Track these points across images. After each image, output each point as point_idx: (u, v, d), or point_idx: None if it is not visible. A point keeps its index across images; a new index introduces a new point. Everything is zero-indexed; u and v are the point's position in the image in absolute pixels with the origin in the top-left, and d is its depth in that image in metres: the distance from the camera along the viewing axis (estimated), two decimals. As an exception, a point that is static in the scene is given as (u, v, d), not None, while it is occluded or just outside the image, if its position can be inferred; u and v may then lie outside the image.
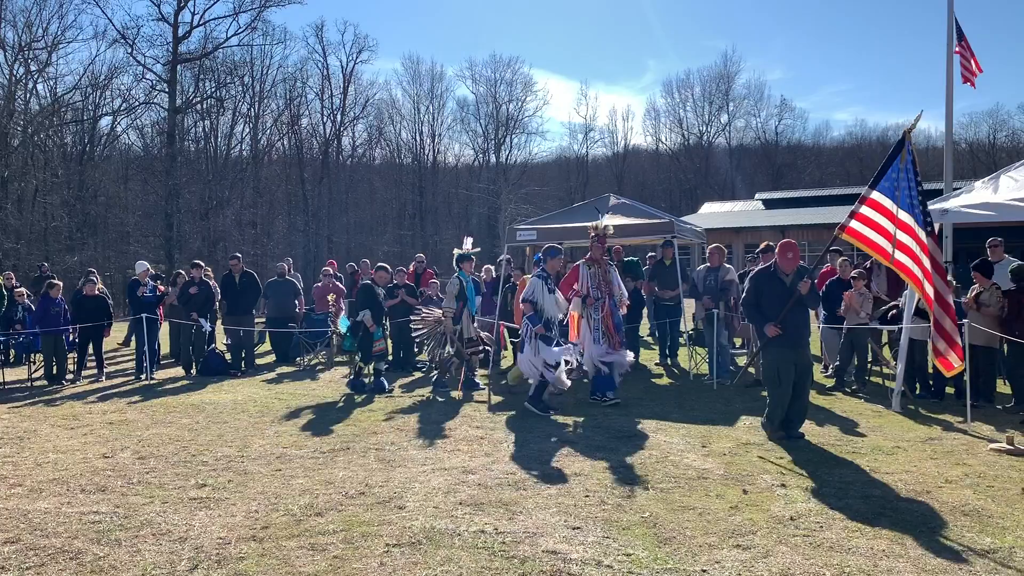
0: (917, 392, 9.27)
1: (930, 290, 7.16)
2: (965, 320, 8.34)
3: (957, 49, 14.08)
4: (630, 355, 9.41)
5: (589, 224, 9.60)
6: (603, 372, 9.06)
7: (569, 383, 8.77)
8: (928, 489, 5.57)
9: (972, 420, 7.69)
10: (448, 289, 10.31)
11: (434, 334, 10.38)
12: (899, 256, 7.24)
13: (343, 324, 11.59)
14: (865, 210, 7.33)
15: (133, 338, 13.92)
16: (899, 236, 7.22)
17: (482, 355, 10.58)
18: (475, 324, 10.49)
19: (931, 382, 9.32)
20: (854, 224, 7.35)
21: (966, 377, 8.38)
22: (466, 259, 10.39)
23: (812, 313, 8.90)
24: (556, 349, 8.61)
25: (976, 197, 8.74)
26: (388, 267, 11.77)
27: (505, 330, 12.23)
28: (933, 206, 9.32)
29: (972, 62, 14.23)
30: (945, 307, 7.20)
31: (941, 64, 14.66)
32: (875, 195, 7.30)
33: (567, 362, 8.65)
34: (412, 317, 10.75)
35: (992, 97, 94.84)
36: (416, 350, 13.67)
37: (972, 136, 62.01)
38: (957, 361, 7.22)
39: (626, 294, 9.56)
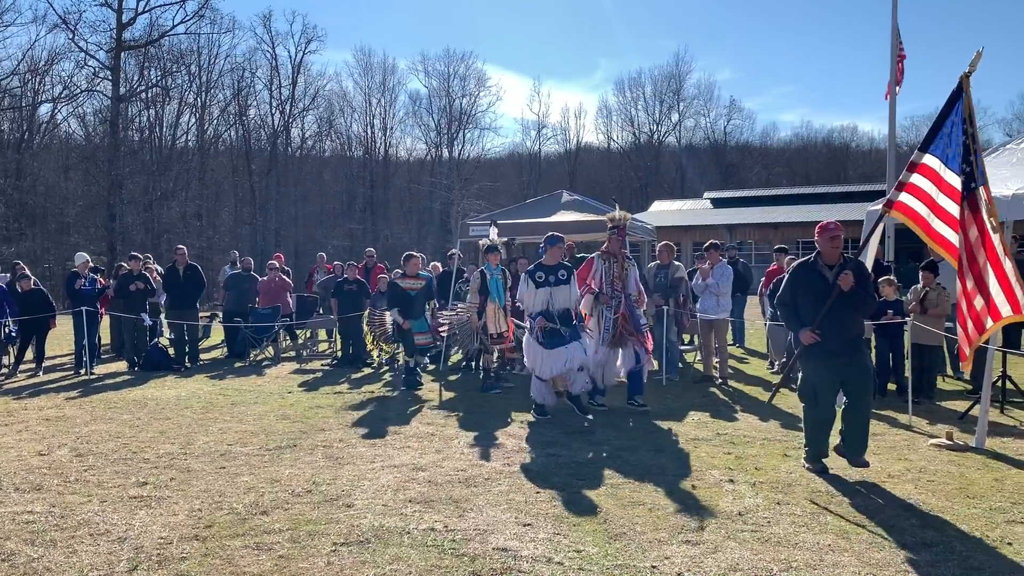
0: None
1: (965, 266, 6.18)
2: (908, 318, 8.56)
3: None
4: (653, 363, 8.84)
5: (606, 215, 9.01)
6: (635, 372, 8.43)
7: (553, 400, 8.20)
8: (872, 484, 5.67)
9: (913, 416, 7.87)
10: (471, 283, 9.94)
11: (462, 330, 9.92)
12: (938, 226, 6.21)
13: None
14: (916, 179, 6.26)
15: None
16: (941, 201, 6.17)
17: (508, 351, 10.01)
18: (509, 318, 9.79)
19: (875, 379, 9.50)
20: (904, 198, 6.31)
21: (908, 374, 8.60)
22: (493, 250, 9.77)
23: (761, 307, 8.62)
24: (551, 358, 7.98)
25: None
26: (416, 253, 10.85)
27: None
28: (875, 206, 9.49)
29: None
30: (982, 287, 6.10)
31: (885, 69, 15.02)
32: (926, 159, 6.19)
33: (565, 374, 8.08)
34: (443, 313, 10.30)
35: (932, 102, 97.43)
36: (371, 346, 13.54)
37: (914, 139, 63.45)
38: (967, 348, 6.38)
39: (644, 292, 8.87)
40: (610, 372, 8.56)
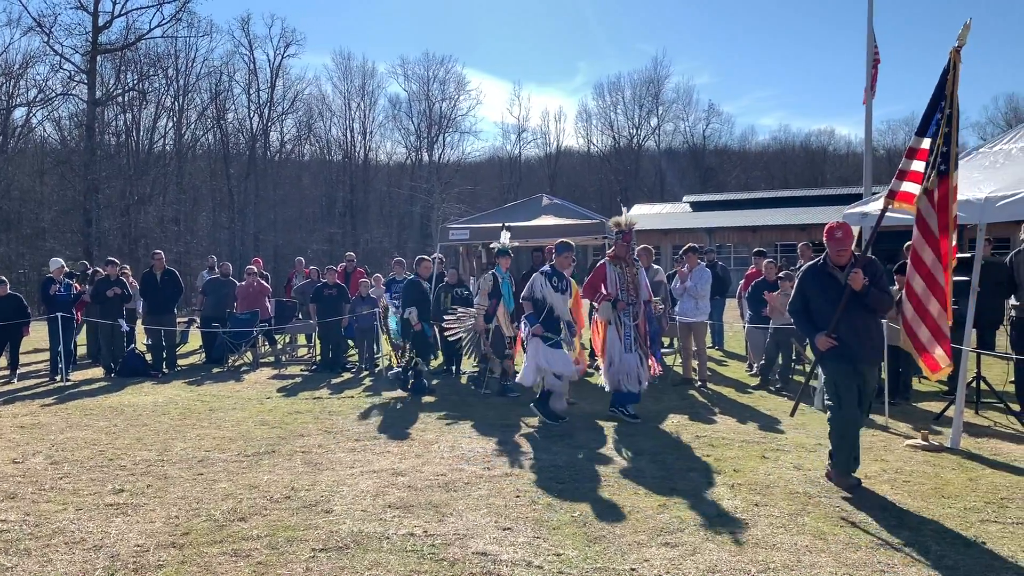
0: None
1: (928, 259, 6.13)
2: (884, 321, 8.62)
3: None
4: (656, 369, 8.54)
5: (611, 220, 8.75)
6: (625, 386, 8.10)
7: (566, 401, 8.22)
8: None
9: (890, 417, 7.94)
10: (481, 285, 9.89)
11: (469, 333, 9.88)
12: (922, 205, 6.05)
13: (392, 321, 11.20)
14: (916, 165, 6.01)
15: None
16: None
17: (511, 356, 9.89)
18: (515, 323, 9.60)
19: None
20: (906, 187, 6.09)
21: (884, 375, 8.66)
22: (504, 254, 9.84)
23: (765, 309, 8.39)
24: (562, 355, 8.00)
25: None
26: (428, 257, 10.93)
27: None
28: (852, 209, 9.56)
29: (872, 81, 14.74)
30: (935, 289, 6.10)
31: (862, 74, 15.18)
32: (924, 143, 5.97)
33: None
34: (447, 316, 10.17)
35: (909, 106, 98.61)
36: (349, 350, 13.52)
37: (890, 142, 64.51)
38: (945, 360, 6.22)
39: (657, 296, 8.53)
40: (642, 375, 8.17)
